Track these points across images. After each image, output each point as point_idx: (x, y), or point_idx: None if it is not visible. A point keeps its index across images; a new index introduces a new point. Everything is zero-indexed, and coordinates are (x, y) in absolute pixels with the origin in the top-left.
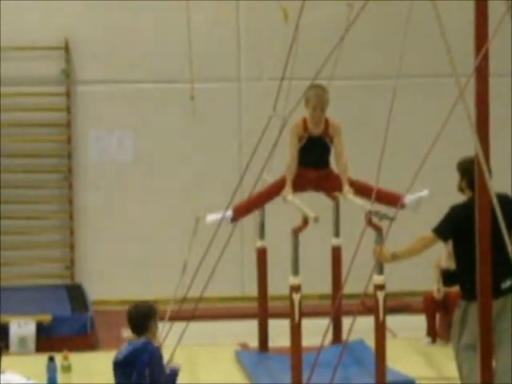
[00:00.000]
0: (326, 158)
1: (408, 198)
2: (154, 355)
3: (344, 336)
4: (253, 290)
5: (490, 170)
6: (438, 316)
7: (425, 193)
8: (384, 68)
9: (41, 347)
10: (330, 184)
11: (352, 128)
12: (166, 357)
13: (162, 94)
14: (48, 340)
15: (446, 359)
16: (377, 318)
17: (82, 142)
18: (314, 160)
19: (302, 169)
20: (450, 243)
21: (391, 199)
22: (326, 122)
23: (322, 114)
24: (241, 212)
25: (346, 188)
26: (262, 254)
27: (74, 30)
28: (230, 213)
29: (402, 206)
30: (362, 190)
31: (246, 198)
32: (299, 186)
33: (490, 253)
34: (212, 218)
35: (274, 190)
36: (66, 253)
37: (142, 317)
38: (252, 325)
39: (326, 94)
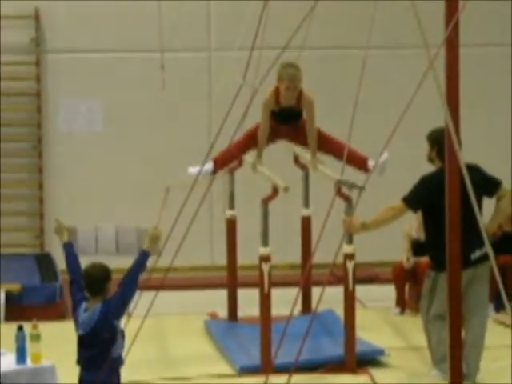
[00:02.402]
0: (299, 117)
1: (371, 164)
2: (112, 305)
3: (313, 306)
4: (222, 259)
5: (459, 141)
6: (407, 286)
7: (385, 156)
8: (355, 38)
9: (10, 316)
10: (302, 137)
11: (322, 98)
12: (135, 327)
13: (132, 64)
14: (17, 309)
15: (415, 329)
16: (346, 288)
17: (52, 111)
18: (286, 119)
19: (274, 122)
20: (420, 213)
21: (357, 160)
22: (300, 93)
23: (295, 93)
24: (221, 163)
25: (313, 160)
26: (231, 224)
27: None
28: (210, 165)
29: (366, 170)
30: (330, 145)
31: (224, 149)
32: (271, 138)
33: (459, 223)
34: (194, 170)
35: (251, 137)
36: (35, 222)
37: (101, 278)
38: (221, 294)
39: (299, 73)
